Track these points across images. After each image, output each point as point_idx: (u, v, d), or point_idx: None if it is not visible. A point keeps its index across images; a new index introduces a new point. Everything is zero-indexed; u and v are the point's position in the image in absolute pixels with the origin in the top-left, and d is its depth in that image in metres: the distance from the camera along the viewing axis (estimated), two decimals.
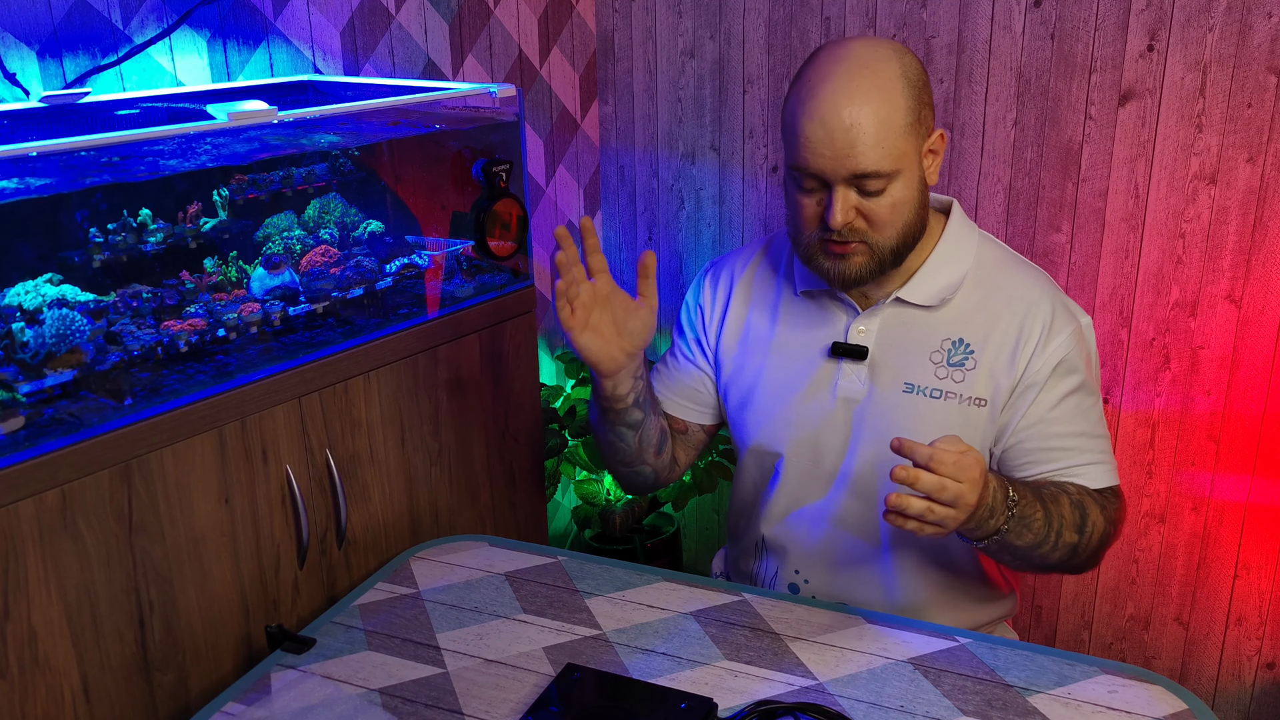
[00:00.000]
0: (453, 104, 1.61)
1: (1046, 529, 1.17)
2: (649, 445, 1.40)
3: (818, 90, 1.16)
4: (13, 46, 1.34)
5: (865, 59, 1.17)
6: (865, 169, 1.15)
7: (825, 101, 1.15)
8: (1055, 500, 1.19)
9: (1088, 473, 1.25)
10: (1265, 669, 2.08)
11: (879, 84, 1.16)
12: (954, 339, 1.27)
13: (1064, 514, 1.19)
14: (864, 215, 1.19)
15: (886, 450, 1.28)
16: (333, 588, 1.38)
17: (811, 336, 1.34)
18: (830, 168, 1.16)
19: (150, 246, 1.30)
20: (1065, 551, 1.20)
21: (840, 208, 1.17)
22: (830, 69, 1.17)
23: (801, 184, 1.20)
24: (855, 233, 1.20)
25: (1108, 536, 1.24)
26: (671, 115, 2.39)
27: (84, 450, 1.08)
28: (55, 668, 1.08)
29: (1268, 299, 1.89)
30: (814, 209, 1.20)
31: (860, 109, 1.14)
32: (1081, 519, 1.20)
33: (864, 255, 1.21)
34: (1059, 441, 1.25)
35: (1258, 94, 1.81)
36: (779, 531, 1.38)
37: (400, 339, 1.43)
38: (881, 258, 1.22)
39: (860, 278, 1.23)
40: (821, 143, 1.15)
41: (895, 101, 1.16)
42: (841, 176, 1.16)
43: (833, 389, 1.31)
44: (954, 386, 1.26)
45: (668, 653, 1.15)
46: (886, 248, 1.21)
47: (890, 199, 1.18)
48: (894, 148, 1.16)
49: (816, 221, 1.21)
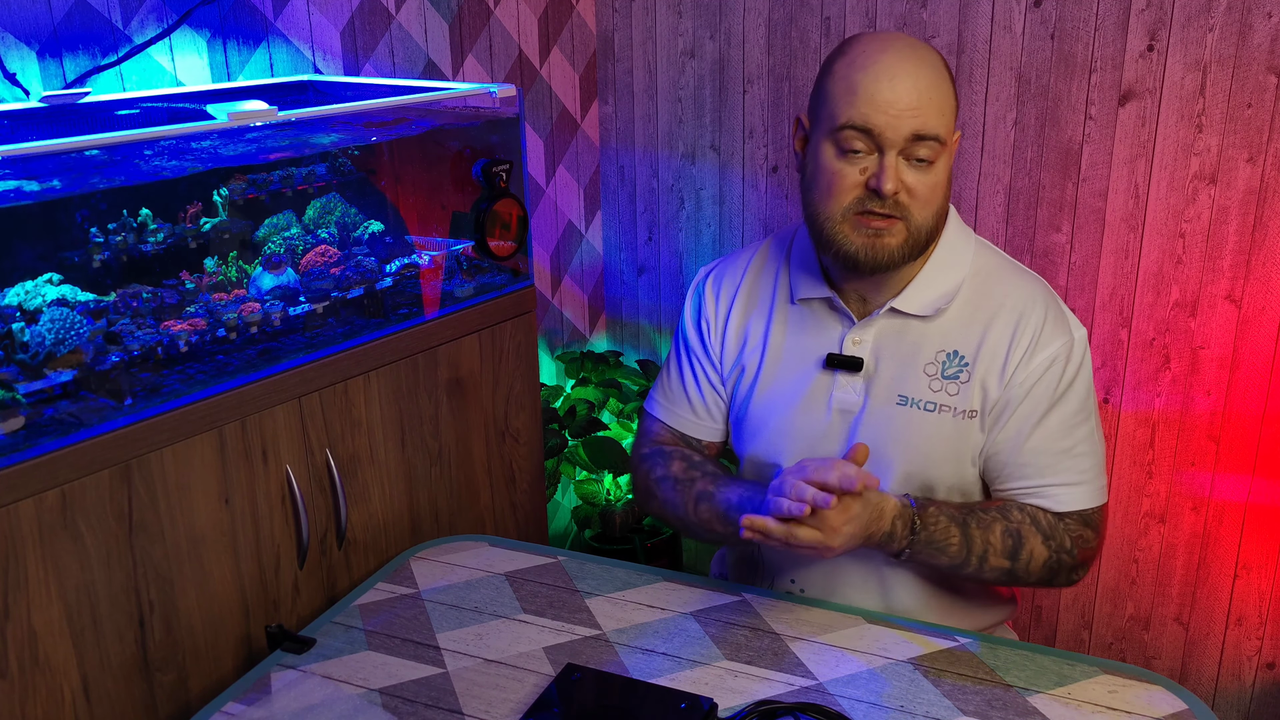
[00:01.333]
0: (453, 104, 1.61)
1: (966, 553, 1.21)
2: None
3: (880, 56, 1.16)
4: (13, 46, 1.34)
5: (914, 42, 1.20)
6: (929, 130, 1.15)
7: (893, 63, 1.16)
8: (986, 527, 1.22)
9: (1058, 494, 1.24)
10: (1265, 669, 2.08)
11: (931, 60, 1.18)
12: (949, 351, 1.26)
13: (991, 541, 1.21)
14: (908, 190, 1.17)
15: (880, 461, 1.27)
16: (333, 588, 1.38)
17: (806, 347, 1.32)
18: (893, 124, 1.14)
19: (150, 247, 1.30)
20: (998, 574, 1.23)
21: (892, 173, 1.15)
22: (885, 43, 1.18)
23: (847, 148, 1.17)
24: (898, 207, 1.17)
25: (1060, 565, 1.24)
26: (671, 115, 2.39)
27: (84, 450, 1.08)
28: (55, 668, 1.08)
29: (1268, 299, 1.89)
30: (855, 177, 1.17)
31: (925, 73, 1.16)
32: (1014, 546, 1.22)
33: (900, 235, 1.19)
34: (1033, 458, 1.24)
35: (1258, 94, 1.81)
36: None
37: (400, 339, 1.43)
38: (915, 240, 1.20)
39: (892, 259, 1.20)
40: (888, 100, 1.14)
41: (946, 80, 1.19)
42: (904, 134, 1.15)
43: (828, 401, 1.30)
44: (948, 400, 1.25)
45: (668, 653, 1.15)
46: (922, 229, 1.20)
47: (936, 175, 1.18)
48: (949, 120, 1.18)
49: (855, 191, 1.17)
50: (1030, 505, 1.25)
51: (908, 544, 1.19)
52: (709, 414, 1.41)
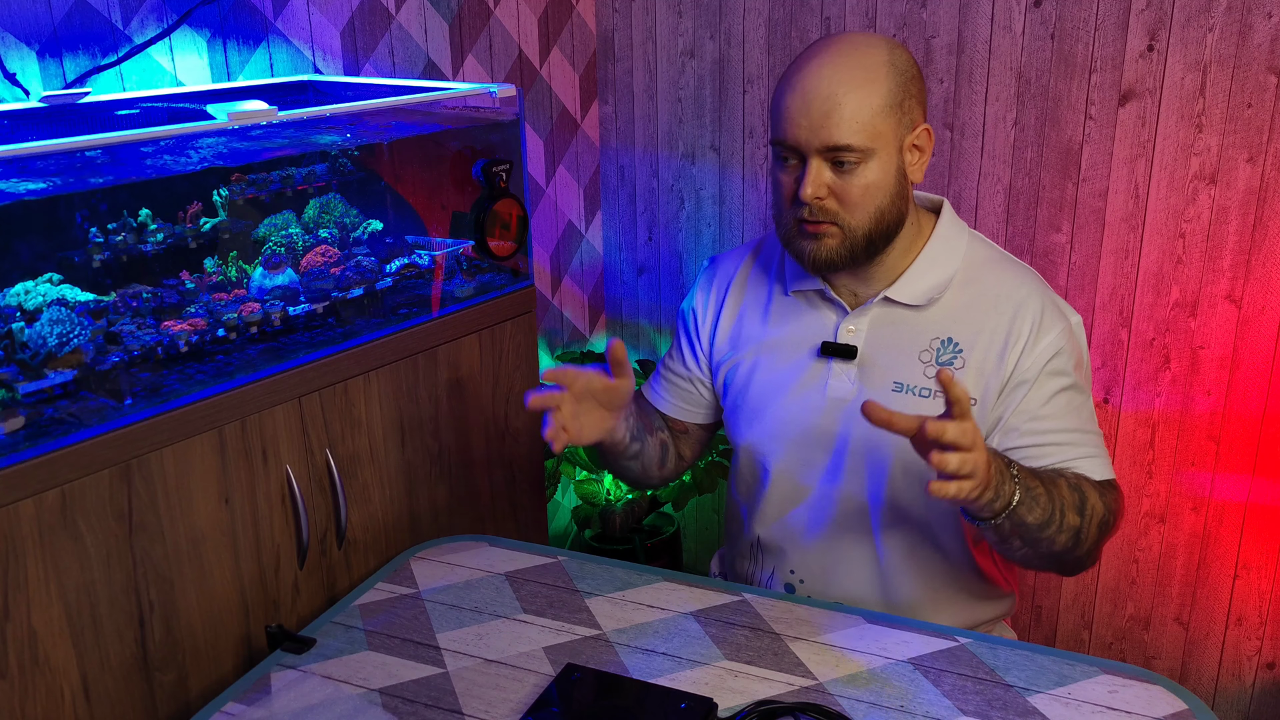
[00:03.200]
0: (453, 104, 1.61)
1: (1051, 505, 1.15)
2: (651, 464, 1.45)
3: (803, 67, 1.21)
4: (13, 46, 1.34)
5: (855, 42, 1.21)
6: (838, 141, 1.18)
7: (808, 75, 1.20)
8: (1053, 481, 1.17)
9: (1084, 465, 1.25)
10: (1265, 669, 2.07)
11: (862, 64, 1.19)
12: (943, 338, 1.28)
13: (1063, 494, 1.17)
14: (836, 194, 1.21)
15: (877, 450, 1.28)
16: (333, 588, 1.38)
17: (801, 336, 1.34)
18: (805, 138, 1.19)
19: (150, 246, 1.30)
20: (1069, 535, 1.18)
21: (811, 179, 1.19)
22: (818, 49, 1.22)
23: (781, 160, 1.23)
24: (827, 212, 1.21)
25: (1107, 524, 1.23)
26: (671, 115, 2.39)
27: (84, 450, 1.08)
28: (55, 668, 1.08)
29: (1268, 299, 1.89)
30: (791, 186, 1.23)
31: (838, 83, 1.18)
32: (1081, 500, 1.19)
33: (836, 238, 1.23)
34: (1052, 437, 1.25)
35: (1258, 94, 1.81)
36: (773, 532, 1.39)
37: (400, 339, 1.43)
38: (854, 242, 1.23)
39: (831, 261, 1.24)
40: (799, 112, 1.19)
41: (876, 82, 1.19)
42: (815, 147, 1.19)
43: (823, 389, 1.31)
44: None
45: (668, 653, 1.15)
46: (859, 231, 1.22)
47: (863, 179, 1.20)
48: (869, 125, 1.18)
49: (791, 198, 1.23)
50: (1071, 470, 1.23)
51: (1015, 486, 1.11)
52: (680, 398, 1.48)
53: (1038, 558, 1.21)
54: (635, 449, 1.40)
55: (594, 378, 1.25)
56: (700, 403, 1.47)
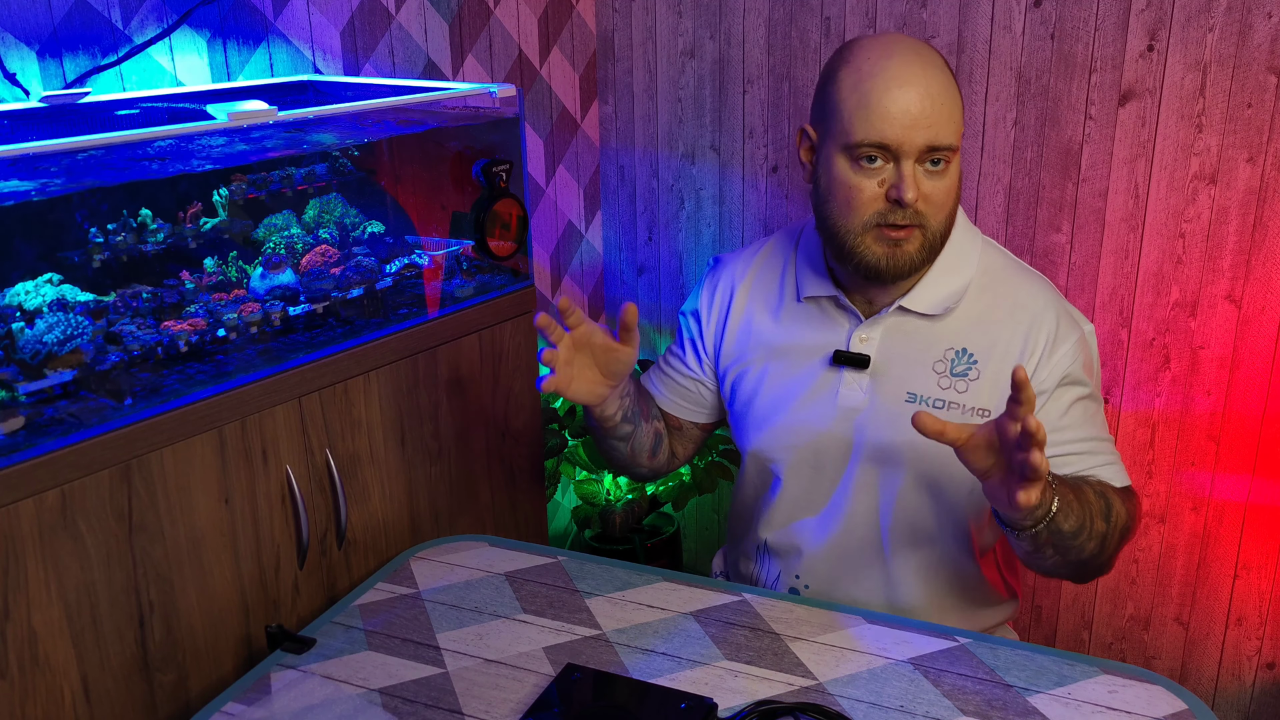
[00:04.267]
0: (453, 104, 1.61)
1: (1083, 512, 1.14)
2: (642, 451, 1.44)
3: (886, 64, 1.16)
4: (13, 46, 1.34)
5: (916, 46, 1.19)
6: (943, 140, 1.16)
7: (900, 72, 1.15)
8: (1079, 489, 1.16)
9: (1103, 473, 1.24)
10: (1265, 669, 2.07)
11: (938, 64, 1.18)
12: (957, 349, 1.27)
13: (1090, 501, 1.16)
14: (924, 196, 1.18)
15: (888, 460, 1.28)
16: (333, 588, 1.38)
17: (813, 344, 1.33)
18: (908, 138, 1.15)
19: (150, 246, 1.30)
20: (1097, 542, 1.16)
21: (912, 183, 1.16)
22: (889, 49, 1.18)
23: (864, 162, 1.18)
24: (917, 215, 1.19)
25: (1128, 530, 1.22)
26: (671, 115, 2.39)
27: (84, 450, 1.08)
28: (55, 668, 1.08)
29: (1268, 299, 1.89)
30: (874, 190, 1.18)
31: (934, 82, 1.16)
32: (1106, 507, 1.18)
33: (918, 241, 1.20)
34: (1072, 447, 1.24)
35: (1258, 94, 1.81)
36: (781, 536, 1.38)
37: (400, 339, 1.43)
38: (932, 244, 1.21)
39: (914, 264, 1.21)
40: (902, 112, 1.14)
41: (953, 82, 1.19)
42: (919, 146, 1.15)
43: (834, 398, 1.30)
44: (957, 397, 1.25)
45: (668, 653, 1.15)
46: (938, 233, 1.21)
47: (949, 180, 1.19)
48: (960, 125, 1.19)
49: (875, 204, 1.18)
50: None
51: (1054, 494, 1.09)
52: (678, 395, 1.47)
53: (1065, 565, 1.18)
54: (626, 430, 1.38)
55: (597, 330, 1.24)
56: (701, 403, 1.46)
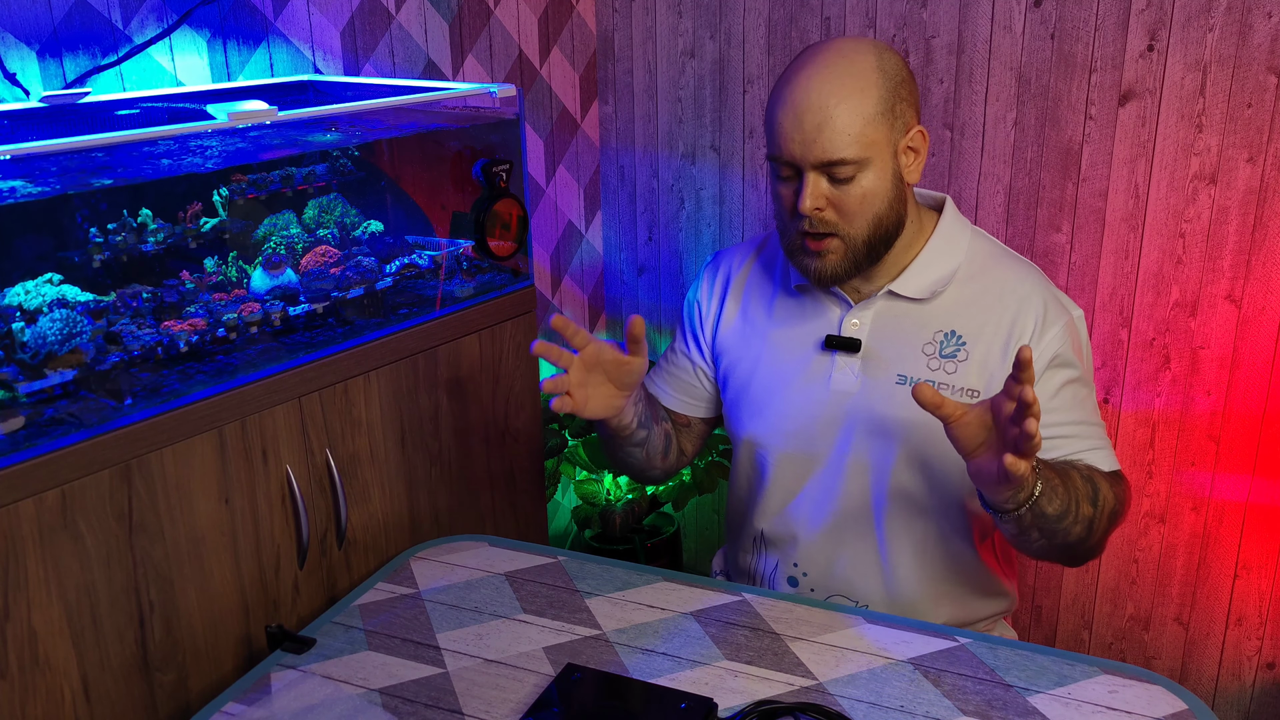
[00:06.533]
0: (453, 104, 1.61)
1: (1068, 496, 1.15)
2: (655, 454, 1.45)
3: (792, 80, 1.21)
4: (13, 46, 1.34)
5: (843, 51, 1.21)
6: (832, 155, 1.18)
7: (798, 89, 1.19)
8: (1066, 473, 1.17)
9: (1092, 457, 1.25)
10: (1265, 669, 2.07)
11: (851, 73, 1.19)
12: (946, 331, 1.29)
13: (1077, 485, 1.17)
14: (834, 205, 1.21)
15: (880, 442, 1.29)
16: (333, 588, 1.38)
17: (805, 330, 1.35)
18: (800, 153, 1.19)
19: (150, 246, 1.30)
20: (1084, 526, 1.18)
21: (809, 193, 1.20)
22: (806, 60, 1.22)
23: (779, 174, 1.24)
24: (827, 224, 1.22)
25: (1116, 514, 1.23)
26: (671, 115, 2.39)
27: (84, 450, 1.08)
28: (55, 668, 1.08)
29: (1268, 299, 1.89)
30: (790, 199, 1.23)
31: (827, 95, 1.18)
32: (1094, 491, 1.19)
33: (838, 252, 1.23)
34: (1060, 430, 1.25)
35: (1258, 94, 1.81)
36: (776, 525, 1.39)
37: (400, 339, 1.43)
38: (855, 252, 1.24)
39: (836, 275, 1.25)
40: (792, 128, 1.19)
41: (866, 91, 1.19)
42: (810, 162, 1.19)
43: (826, 381, 1.32)
44: (946, 378, 1.28)
45: (668, 653, 1.15)
46: (859, 240, 1.23)
47: (860, 189, 1.21)
48: (862, 135, 1.18)
49: (793, 212, 1.23)
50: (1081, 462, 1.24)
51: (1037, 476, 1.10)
52: (682, 391, 1.48)
53: (1052, 549, 1.20)
54: (641, 435, 1.40)
55: (606, 348, 1.25)
56: (703, 395, 1.47)
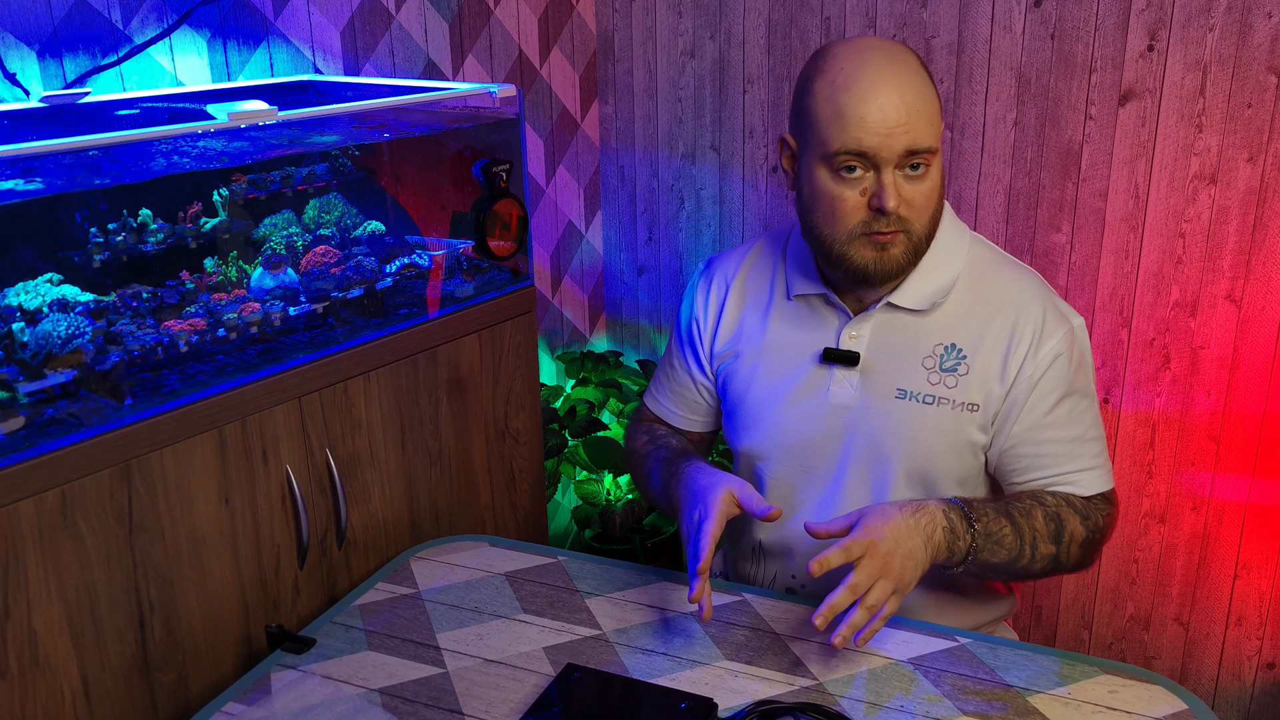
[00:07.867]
0: (453, 104, 1.61)
1: (1019, 543, 1.19)
2: None
3: (861, 73, 1.16)
4: (13, 46, 1.34)
5: (890, 50, 1.19)
6: (922, 143, 1.16)
7: (875, 80, 1.16)
8: (1028, 514, 1.20)
9: (1080, 479, 1.26)
10: (1265, 669, 2.08)
11: (914, 66, 1.19)
12: (946, 344, 1.27)
13: (1037, 527, 1.20)
14: (906, 200, 1.19)
15: (879, 457, 1.28)
16: (333, 588, 1.38)
17: (803, 341, 1.33)
18: (885, 145, 1.15)
19: (150, 246, 1.30)
20: (1046, 562, 1.22)
21: (894, 189, 1.16)
22: (863, 57, 1.18)
23: (845, 172, 1.18)
24: (900, 220, 1.19)
25: (1091, 542, 1.25)
26: (671, 115, 2.39)
27: (84, 450, 1.08)
28: (55, 668, 1.08)
29: (1268, 299, 1.89)
30: (856, 199, 1.19)
31: (910, 87, 1.16)
32: (1057, 530, 1.21)
33: (903, 245, 1.21)
34: (1051, 448, 1.25)
35: (1258, 94, 1.81)
36: (776, 536, 1.38)
37: (400, 339, 1.43)
38: (917, 246, 1.22)
39: (901, 268, 1.22)
40: (878, 120, 1.14)
41: (930, 83, 1.19)
42: (897, 153, 1.15)
43: (825, 395, 1.30)
44: (946, 392, 1.26)
45: (668, 653, 1.15)
46: (922, 235, 1.22)
47: (930, 183, 1.19)
48: (938, 126, 1.19)
49: (859, 213, 1.19)
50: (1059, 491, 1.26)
51: (971, 539, 1.15)
52: (685, 403, 1.47)
53: (1016, 579, 1.25)
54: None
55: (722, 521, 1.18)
56: (709, 411, 1.46)
